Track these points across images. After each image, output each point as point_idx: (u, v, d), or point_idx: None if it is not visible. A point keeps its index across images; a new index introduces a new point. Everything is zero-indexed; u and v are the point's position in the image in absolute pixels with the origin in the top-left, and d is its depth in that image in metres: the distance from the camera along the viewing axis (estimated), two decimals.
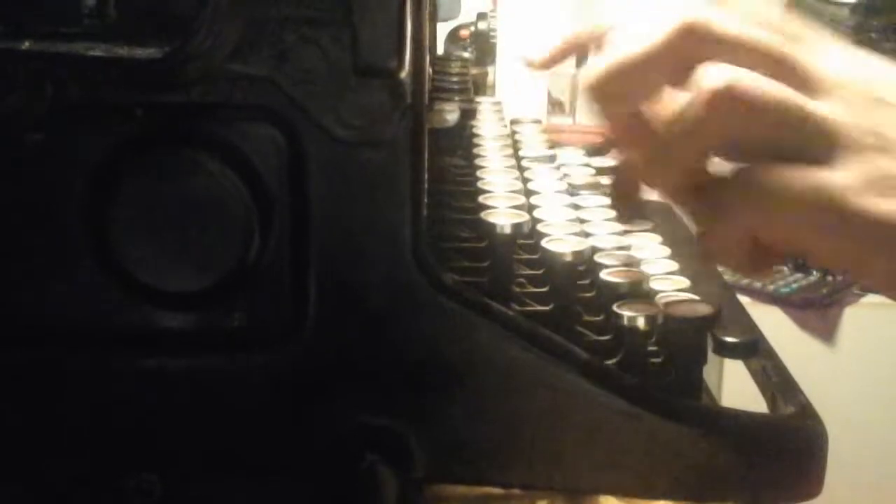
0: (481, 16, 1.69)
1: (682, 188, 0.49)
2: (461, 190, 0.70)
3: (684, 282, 0.59)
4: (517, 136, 0.82)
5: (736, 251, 0.48)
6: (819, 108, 0.46)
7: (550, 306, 0.58)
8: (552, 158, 0.77)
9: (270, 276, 0.51)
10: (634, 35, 0.49)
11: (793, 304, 1.81)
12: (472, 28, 1.69)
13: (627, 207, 0.61)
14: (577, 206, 0.67)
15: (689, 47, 0.47)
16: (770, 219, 0.46)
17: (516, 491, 0.57)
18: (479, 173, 0.69)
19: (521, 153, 0.77)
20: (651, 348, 0.56)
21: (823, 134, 0.45)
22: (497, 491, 0.57)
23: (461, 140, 0.78)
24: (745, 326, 0.60)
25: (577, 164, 0.76)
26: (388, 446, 0.52)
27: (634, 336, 0.54)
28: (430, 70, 0.74)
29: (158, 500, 0.52)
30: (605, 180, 0.75)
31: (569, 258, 0.57)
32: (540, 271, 0.61)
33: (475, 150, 0.75)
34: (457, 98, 0.83)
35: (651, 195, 0.55)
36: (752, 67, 0.46)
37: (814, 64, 0.47)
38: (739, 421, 0.52)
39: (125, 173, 0.50)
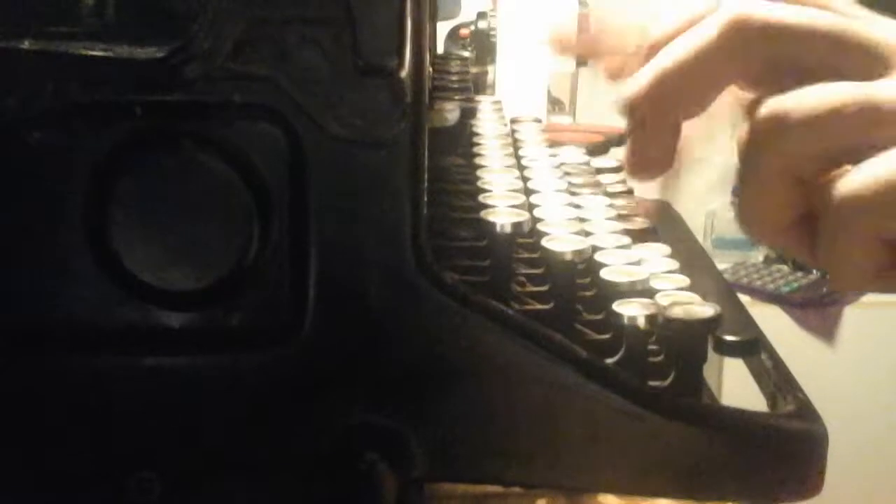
0: (481, 15, 1.69)
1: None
2: (461, 189, 0.70)
3: (684, 281, 0.59)
4: (517, 136, 0.82)
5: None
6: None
7: (550, 305, 0.58)
8: (552, 158, 0.77)
9: (270, 275, 0.51)
10: (677, 39, 0.44)
11: (793, 304, 1.81)
12: (472, 27, 1.69)
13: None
14: (577, 206, 0.67)
15: (744, 44, 0.43)
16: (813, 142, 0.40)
17: (516, 490, 0.57)
18: (479, 173, 0.69)
19: (520, 153, 0.77)
20: (651, 347, 0.56)
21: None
22: (497, 490, 0.57)
23: (461, 140, 0.78)
24: (746, 325, 0.60)
25: (577, 164, 0.76)
26: (387, 446, 0.52)
27: (634, 335, 0.54)
28: (430, 69, 0.74)
29: (158, 499, 0.52)
30: (605, 179, 0.75)
31: (569, 257, 0.57)
32: (540, 270, 0.61)
33: (475, 150, 0.75)
34: (457, 97, 0.82)
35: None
36: (812, 53, 0.42)
37: (876, 36, 0.43)
38: (739, 420, 0.52)
39: (125, 173, 0.50)
